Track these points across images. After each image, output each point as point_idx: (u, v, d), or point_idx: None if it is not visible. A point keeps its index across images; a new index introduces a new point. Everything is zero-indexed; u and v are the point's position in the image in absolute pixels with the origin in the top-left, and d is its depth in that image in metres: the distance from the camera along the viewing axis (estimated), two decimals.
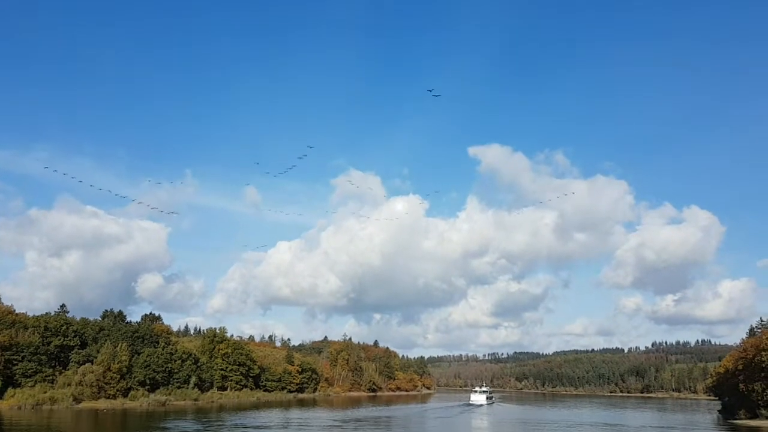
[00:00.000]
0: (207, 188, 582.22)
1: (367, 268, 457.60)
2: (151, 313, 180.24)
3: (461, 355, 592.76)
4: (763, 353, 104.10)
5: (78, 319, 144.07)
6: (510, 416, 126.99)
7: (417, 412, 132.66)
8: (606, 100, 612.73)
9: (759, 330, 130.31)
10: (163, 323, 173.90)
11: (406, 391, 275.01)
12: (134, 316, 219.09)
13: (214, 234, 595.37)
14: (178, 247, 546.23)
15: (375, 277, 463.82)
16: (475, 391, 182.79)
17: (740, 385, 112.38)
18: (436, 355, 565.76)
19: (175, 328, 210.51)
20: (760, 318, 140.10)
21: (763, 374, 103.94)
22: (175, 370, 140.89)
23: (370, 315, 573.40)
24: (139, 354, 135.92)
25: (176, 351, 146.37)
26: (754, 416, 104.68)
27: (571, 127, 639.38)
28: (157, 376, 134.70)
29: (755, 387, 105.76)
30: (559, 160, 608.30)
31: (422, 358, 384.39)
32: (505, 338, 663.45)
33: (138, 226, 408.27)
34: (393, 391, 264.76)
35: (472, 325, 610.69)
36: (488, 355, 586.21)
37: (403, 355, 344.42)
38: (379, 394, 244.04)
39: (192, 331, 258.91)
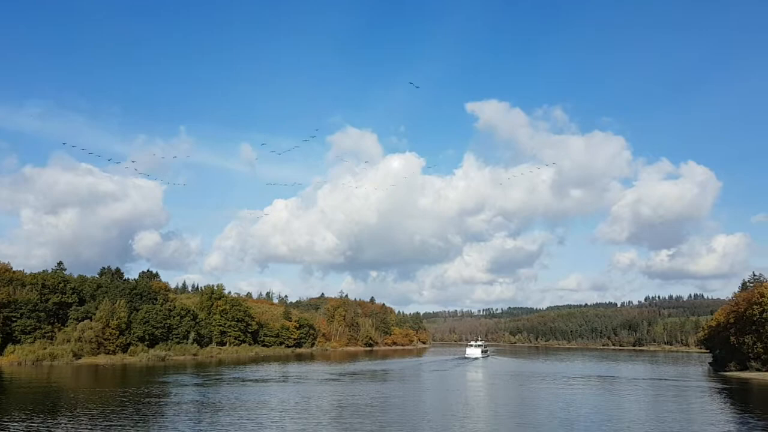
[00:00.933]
0: (202, 146, 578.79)
1: (363, 225, 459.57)
2: (148, 271, 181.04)
3: (456, 310, 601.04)
4: (754, 307, 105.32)
5: (75, 276, 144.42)
6: (504, 369, 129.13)
7: (413, 365, 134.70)
8: (605, 55, 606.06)
9: (751, 284, 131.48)
10: (160, 280, 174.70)
11: (402, 345, 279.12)
12: (132, 273, 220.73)
13: (209, 192, 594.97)
14: (173, 205, 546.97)
15: (371, 234, 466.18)
16: (471, 345, 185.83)
17: (731, 338, 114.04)
18: (431, 311, 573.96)
19: (172, 285, 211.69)
20: (753, 272, 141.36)
21: (753, 327, 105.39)
22: (174, 326, 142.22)
23: (367, 272, 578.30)
24: (137, 310, 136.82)
25: (175, 307, 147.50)
26: (744, 368, 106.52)
27: (570, 82, 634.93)
28: (156, 332, 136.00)
29: (746, 340, 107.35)
30: (558, 116, 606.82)
31: (418, 313, 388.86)
32: (500, 294, 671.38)
33: (133, 183, 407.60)
34: (389, 345, 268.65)
35: (468, 281, 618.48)
36: (483, 310, 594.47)
37: (399, 311, 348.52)
38: (375, 348, 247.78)
39: (190, 288, 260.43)
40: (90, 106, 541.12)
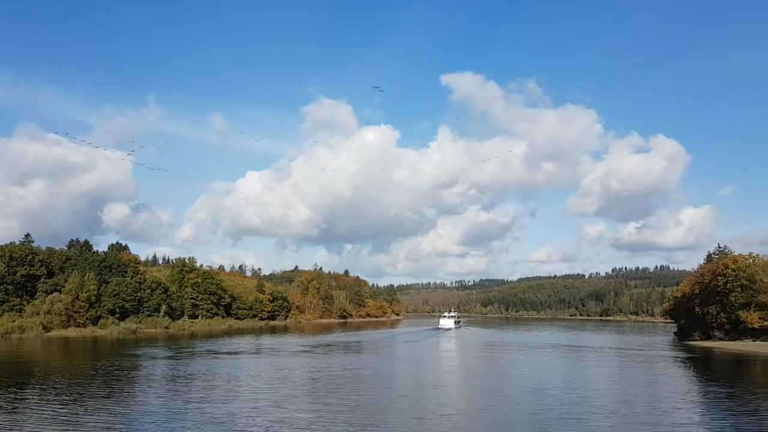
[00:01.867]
0: (172, 116, 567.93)
1: (338, 198, 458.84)
2: (117, 243, 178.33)
3: (429, 282, 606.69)
4: (719, 278, 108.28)
5: (43, 248, 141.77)
6: (477, 339, 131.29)
7: (387, 336, 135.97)
8: (579, 27, 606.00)
9: (716, 256, 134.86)
10: (130, 253, 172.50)
11: (376, 317, 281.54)
12: (101, 245, 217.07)
13: (180, 163, 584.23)
14: (143, 177, 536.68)
15: (346, 207, 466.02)
16: (444, 316, 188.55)
17: (696, 308, 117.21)
18: (405, 283, 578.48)
19: (143, 258, 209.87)
20: (718, 244, 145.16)
21: (717, 298, 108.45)
22: (145, 299, 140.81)
23: (341, 245, 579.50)
24: (107, 283, 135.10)
25: (145, 280, 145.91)
26: (708, 338, 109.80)
27: (544, 54, 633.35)
28: (126, 305, 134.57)
29: (710, 310, 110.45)
30: (532, 89, 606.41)
31: (392, 286, 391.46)
32: (473, 266, 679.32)
33: (102, 154, 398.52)
34: (363, 317, 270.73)
35: (441, 253, 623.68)
36: (455, 282, 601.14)
37: (373, 284, 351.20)
38: (349, 320, 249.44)
39: (160, 261, 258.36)
40: (57, 74, 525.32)
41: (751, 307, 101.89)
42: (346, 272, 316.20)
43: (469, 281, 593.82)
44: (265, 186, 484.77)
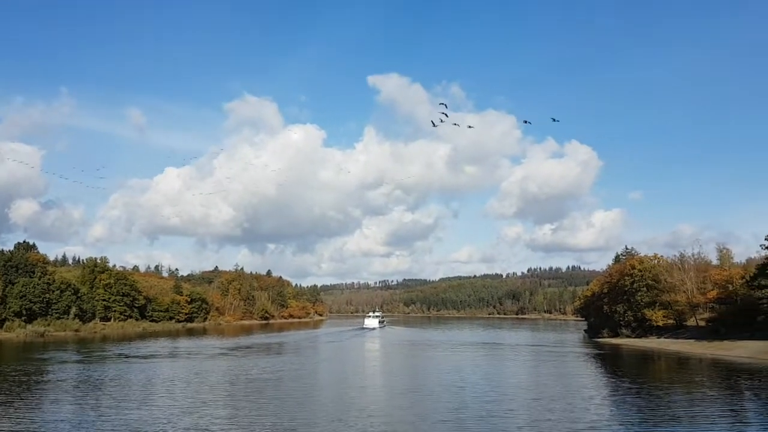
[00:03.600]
0: (85, 109, 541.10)
1: (261, 197, 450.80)
2: (25, 242, 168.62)
3: (353, 282, 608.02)
4: (626, 278, 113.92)
5: None
6: (400, 338, 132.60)
7: (309, 337, 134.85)
8: (500, 35, 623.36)
9: (624, 257, 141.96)
10: (38, 252, 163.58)
11: (299, 318, 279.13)
12: (7, 244, 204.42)
13: (93, 159, 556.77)
14: (54, 172, 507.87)
15: (270, 206, 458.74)
16: (369, 316, 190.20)
17: (605, 306, 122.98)
18: (329, 283, 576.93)
19: (52, 258, 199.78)
20: (626, 246, 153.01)
21: (625, 297, 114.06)
22: (54, 301, 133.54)
23: (264, 245, 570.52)
24: (13, 284, 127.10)
25: (54, 281, 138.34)
26: (616, 335, 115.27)
27: (467, 59, 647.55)
28: (33, 307, 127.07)
29: (618, 308, 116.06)
30: (455, 93, 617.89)
31: (315, 286, 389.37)
32: (396, 266, 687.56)
33: (8, 148, 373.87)
34: (285, 318, 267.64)
35: (366, 254, 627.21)
36: (379, 282, 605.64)
37: (296, 284, 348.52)
38: (271, 322, 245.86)
39: (71, 261, 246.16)
40: None
41: (655, 305, 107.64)
42: (269, 272, 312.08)
43: (392, 281, 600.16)
44: (184, 183, 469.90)
